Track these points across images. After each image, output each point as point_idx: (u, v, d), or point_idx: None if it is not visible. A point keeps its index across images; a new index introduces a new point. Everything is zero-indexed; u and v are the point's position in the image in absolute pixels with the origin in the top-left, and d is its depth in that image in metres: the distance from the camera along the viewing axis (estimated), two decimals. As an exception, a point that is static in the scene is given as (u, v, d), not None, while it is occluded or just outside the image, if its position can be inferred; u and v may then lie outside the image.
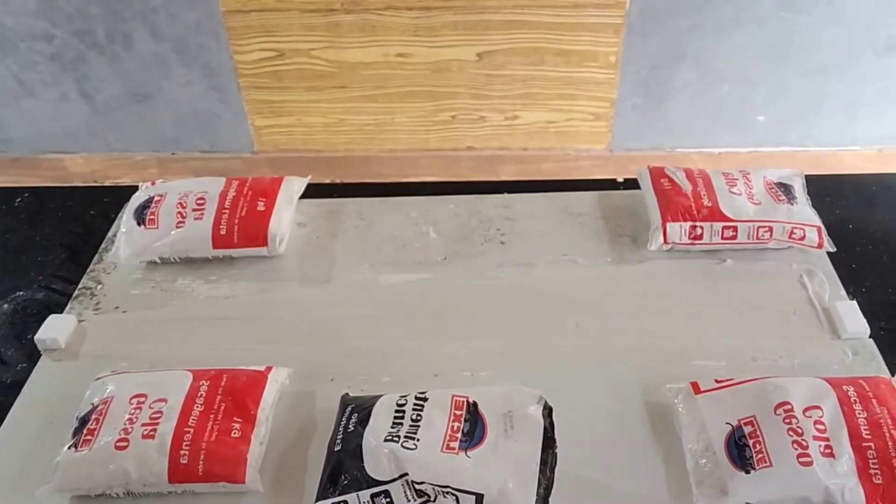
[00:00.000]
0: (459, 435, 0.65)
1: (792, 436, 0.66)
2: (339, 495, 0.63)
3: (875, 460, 0.64)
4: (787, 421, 0.67)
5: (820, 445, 0.65)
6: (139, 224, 0.93)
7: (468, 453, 0.64)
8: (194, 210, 0.93)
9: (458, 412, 0.67)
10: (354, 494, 0.63)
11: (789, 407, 0.68)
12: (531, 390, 0.69)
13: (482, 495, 0.62)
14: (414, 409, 0.67)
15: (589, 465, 0.71)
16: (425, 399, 0.69)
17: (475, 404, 0.68)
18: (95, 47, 2.23)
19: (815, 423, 0.67)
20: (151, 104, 2.37)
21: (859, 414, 0.67)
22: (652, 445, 0.73)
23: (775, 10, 2.15)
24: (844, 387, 0.70)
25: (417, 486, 0.62)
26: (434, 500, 0.62)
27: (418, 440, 0.64)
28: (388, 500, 0.63)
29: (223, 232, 0.92)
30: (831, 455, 0.65)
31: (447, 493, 0.62)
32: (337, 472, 0.65)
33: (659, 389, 0.77)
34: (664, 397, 0.76)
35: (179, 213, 0.93)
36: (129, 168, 2.53)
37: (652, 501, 0.69)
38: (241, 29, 2.20)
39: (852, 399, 0.69)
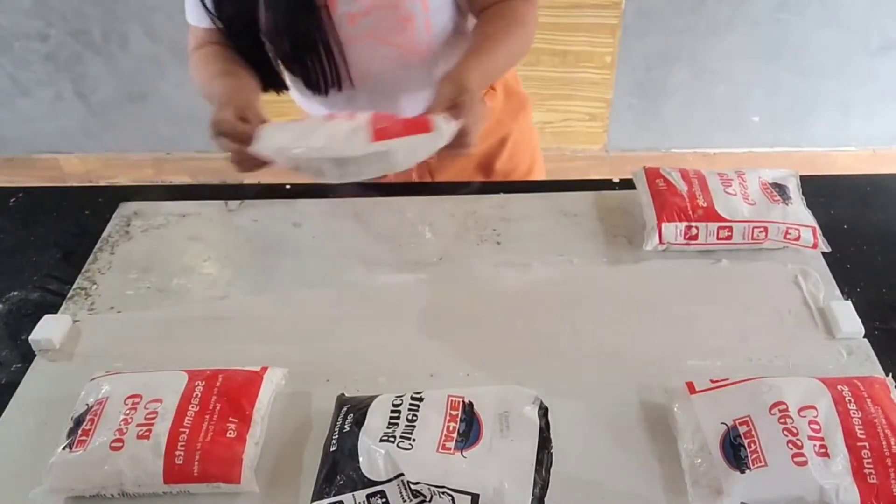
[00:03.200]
0: (455, 435, 0.65)
1: (787, 435, 0.66)
2: (334, 496, 0.63)
3: (870, 460, 0.64)
4: (782, 421, 0.67)
5: (815, 445, 0.65)
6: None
7: (464, 453, 0.64)
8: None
9: (453, 412, 0.67)
10: (350, 495, 0.63)
11: (784, 407, 0.68)
12: (527, 390, 0.69)
13: (478, 495, 0.62)
14: (409, 410, 0.68)
15: (584, 465, 0.71)
16: (421, 399, 0.69)
17: (471, 404, 0.68)
18: (91, 47, 2.22)
19: (810, 422, 0.67)
20: (147, 104, 2.37)
21: (854, 414, 0.68)
22: (647, 445, 0.73)
23: (769, 12, 2.16)
24: (839, 386, 0.70)
25: (413, 487, 0.62)
26: (430, 501, 0.63)
27: (414, 440, 0.64)
28: (383, 500, 0.63)
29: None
30: (826, 455, 0.65)
31: (443, 493, 0.62)
32: (332, 472, 0.65)
33: (654, 389, 0.77)
34: (659, 397, 0.76)
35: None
36: (124, 168, 2.53)
37: (647, 501, 0.69)
38: (237, 29, 2.19)
39: (847, 399, 0.69)
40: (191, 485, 0.68)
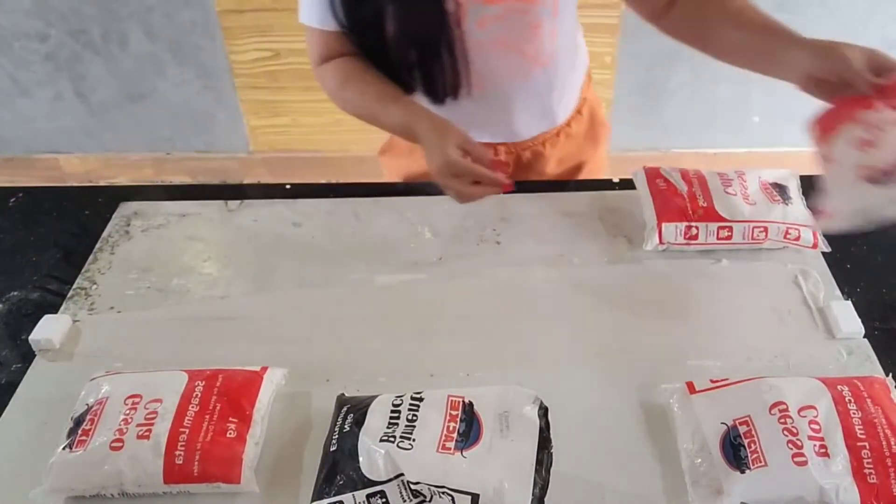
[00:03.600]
0: (455, 435, 0.65)
1: (787, 435, 0.66)
2: (334, 496, 0.63)
3: (870, 460, 0.64)
4: (782, 421, 0.67)
5: (814, 445, 0.65)
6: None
7: (464, 453, 0.64)
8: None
9: (453, 412, 0.67)
10: (350, 495, 0.63)
11: (784, 407, 0.68)
12: (527, 390, 0.69)
13: (478, 495, 0.62)
14: (410, 410, 0.68)
15: (584, 465, 0.71)
16: (421, 399, 0.69)
17: (471, 404, 0.68)
18: (90, 47, 2.22)
19: (810, 422, 0.67)
20: (147, 104, 2.37)
21: (854, 413, 0.68)
22: (648, 445, 0.73)
23: (769, 11, 2.16)
24: (839, 386, 0.70)
25: (413, 487, 0.62)
26: (430, 501, 0.63)
27: (414, 440, 0.64)
28: (383, 500, 0.63)
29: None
30: (826, 455, 0.65)
31: (443, 493, 0.62)
32: (332, 472, 0.65)
33: (654, 389, 0.77)
34: (660, 397, 0.76)
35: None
36: (124, 168, 2.53)
37: (647, 501, 0.69)
38: (237, 29, 2.20)
39: (847, 399, 0.69)
40: (191, 485, 0.68)
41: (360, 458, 0.64)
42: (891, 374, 0.75)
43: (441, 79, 0.99)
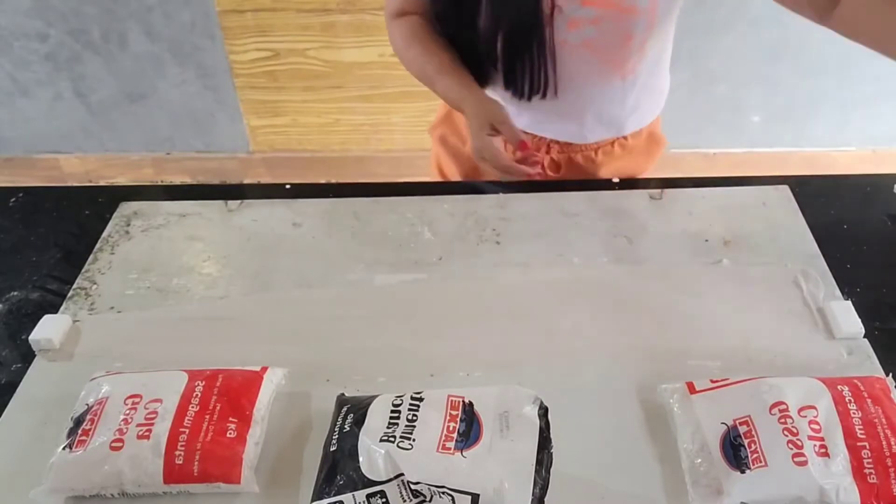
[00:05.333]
0: (455, 435, 0.65)
1: (787, 435, 0.66)
2: (334, 496, 0.63)
3: (870, 460, 0.64)
4: (783, 420, 0.67)
5: (815, 445, 0.65)
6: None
7: (464, 453, 0.64)
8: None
9: (453, 412, 0.67)
10: (350, 495, 0.63)
11: (784, 406, 0.68)
12: (527, 390, 0.69)
13: (478, 495, 0.62)
14: (410, 410, 0.68)
15: (584, 465, 0.71)
16: (421, 399, 0.69)
17: (471, 404, 0.68)
18: (90, 47, 2.22)
19: (810, 422, 0.67)
20: (146, 104, 2.37)
21: (854, 413, 0.68)
22: (647, 445, 0.73)
23: (769, 12, 2.16)
24: (839, 386, 0.70)
25: (413, 487, 0.62)
26: (430, 501, 0.63)
27: (414, 440, 0.64)
28: (383, 500, 0.63)
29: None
30: (826, 455, 0.65)
31: (443, 493, 0.62)
32: (332, 472, 0.65)
33: (654, 389, 0.77)
34: (659, 397, 0.76)
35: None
36: (124, 168, 2.53)
37: (647, 501, 0.69)
38: (237, 29, 2.20)
39: (847, 399, 0.69)
40: (191, 485, 0.68)
41: (360, 458, 0.64)
42: (891, 375, 0.75)
43: (523, 77, 0.99)
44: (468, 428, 0.66)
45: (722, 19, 2.14)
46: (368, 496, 0.63)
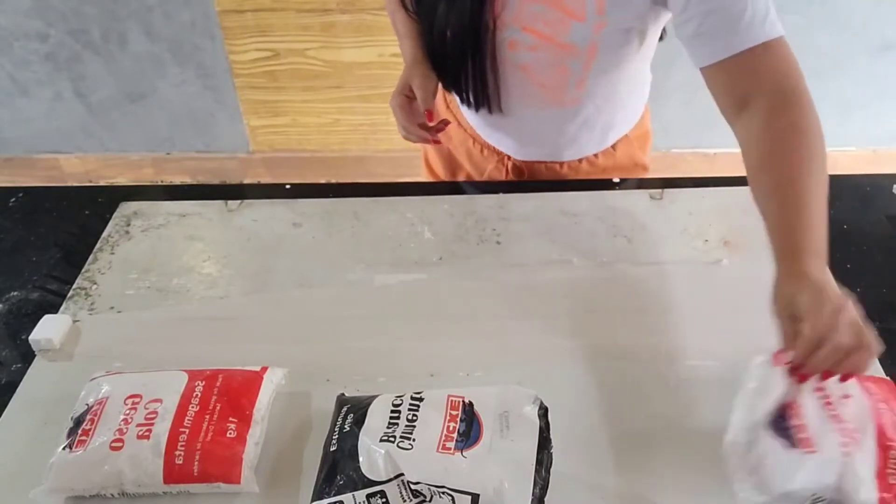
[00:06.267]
0: (455, 435, 0.65)
1: (832, 423, 0.65)
2: (334, 496, 0.63)
3: (895, 461, 0.64)
4: (828, 406, 0.66)
5: (849, 435, 0.64)
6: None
7: (464, 453, 0.64)
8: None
9: (453, 412, 0.67)
10: (350, 495, 0.63)
11: (826, 392, 0.67)
12: (527, 390, 0.69)
13: (478, 495, 0.62)
14: (410, 410, 0.68)
15: (584, 465, 0.71)
16: (421, 399, 0.69)
17: (471, 404, 0.68)
18: (90, 47, 2.22)
19: (847, 412, 0.66)
20: (146, 104, 2.37)
21: (884, 412, 0.67)
22: (648, 445, 0.73)
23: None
24: (866, 383, 0.70)
25: (413, 487, 0.62)
26: (430, 501, 0.63)
27: (414, 440, 0.64)
28: (383, 500, 0.63)
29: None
30: (857, 448, 0.64)
31: (443, 493, 0.62)
32: (332, 472, 0.65)
33: (654, 389, 0.77)
34: (659, 397, 0.76)
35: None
36: (124, 168, 2.53)
37: (647, 501, 0.69)
38: (237, 29, 2.20)
39: (875, 395, 0.69)
40: (191, 485, 0.68)
41: (360, 458, 0.64)
42: None
43: (467, 86, 1.01)
44: (468, 428, 0.66)
45: (722, 19, 2.14)
46: (368, 496, 0.63)
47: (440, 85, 1.02)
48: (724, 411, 0.76)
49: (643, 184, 1.08)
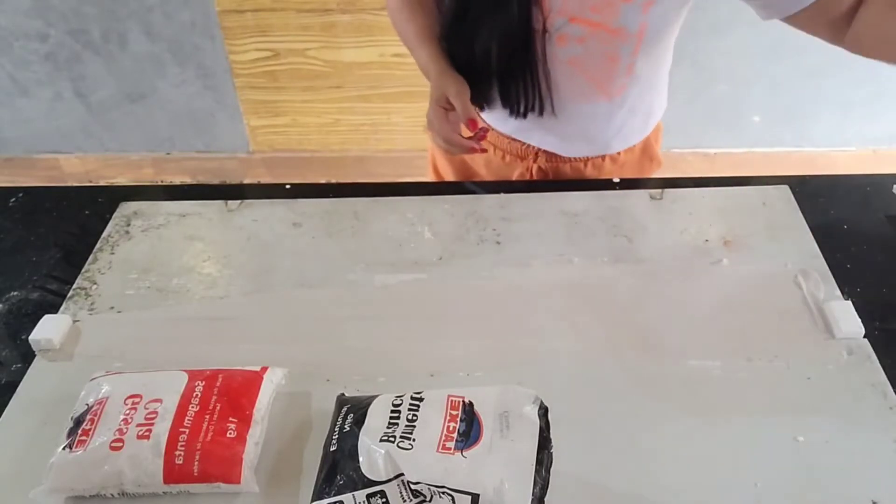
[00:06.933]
0: (455, 435, 0.65)
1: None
2: (334, 495, 0.63)
3: None
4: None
5: None
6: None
7: (464, 453, 0.64)
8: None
9: (453, 412, 0.67)
10: (350, 495, 0.63)
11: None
12: (527, 390, 0.69)
13: (478, 495, 0.62)
14: (410, 410, 0.68)
15: (584, 465, 0.71)
16: (421, 399, 0.69)
17: (471, 404, 0.68)
18: (90, 47, 2.22)
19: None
20: (146, 104, 2.37)
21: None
22: (647, 445, 0.73)
23: (770, 11, 2.16)
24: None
25: (413, 487, 0.62)
26: (430, 501, 0.63)
27: (414, 440, 0.64)
28: (383, 500, 0.63)
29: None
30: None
31: (443, 493, 0.62)
32: (332, 472, 0.65)
33: (654, 389, 0.77)
34: (659, 397, 0.76)
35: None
36: (124, 168, 2.53)
37: (648, 501, 0.69)
38: (237, 29, 2.20)
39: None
40: (191, 485, 0.68)
41: (360, 458, 0.64)
42: None
43: (517, 95, 1.00)
44: (468, 428, 0.66)
45: (723, 19, 2.14)
46: (368, 496, 0.63)
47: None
48: (724, 411, 0.76)
49: (643, 184, 1.08)
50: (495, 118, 1.10)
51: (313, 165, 2.51)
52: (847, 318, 0.83)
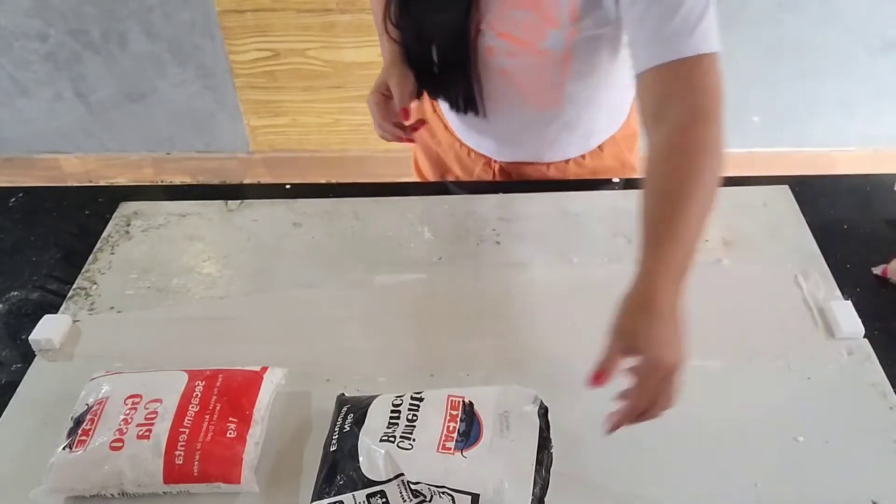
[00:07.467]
0: (455, 435, 0.65)
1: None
2: (334, 495, 0.63)
3: None
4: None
5: None
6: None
7: (464, 453, 0.64)
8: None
9: (453, 412, 0.67)
10: (350, 495, 0.63)
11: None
12: (527, 390, 0.69)
13: (478, 495, 0.62)
14: (410, 410, 0.67)
15: (584, 464, 0.71)
16: (421, 399, 0.69)
17: (471, 404, 0.68)
18: (90, 47, 2.22)
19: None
20: (146, 104, 2.37)
21: None
22: (647, 444, 0.73)
23: (769, 12, 2.16)
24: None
25: (413, 487, 0.62)
26: (430, 501, 0.63)
27: (414, 440, 0.64)
28: (383, 500, 0.63)
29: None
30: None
31: (443, 493, 0.62)
32: (332, 472, 0.65)
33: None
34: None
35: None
36: (124, 168, 2.53)
37: (648, 501, 0.69)
38: (237, 29, 2.20)
39: None
40: (191, 485, 0.68)
41: (360, 458, 0.64)
42: None
43: (455, 91, 1.01)
44: (468, 428, 0.66)
45: (722, 19, 2.14)
46: (368, 496, 0.63)
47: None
48: (725, 411, 0.76)
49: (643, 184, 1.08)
50: (451, 115, 1.11)
51: (313, 165, 2.51)
52: (847, 318, 0.83)
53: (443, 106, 1.09)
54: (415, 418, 0.66)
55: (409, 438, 0.64)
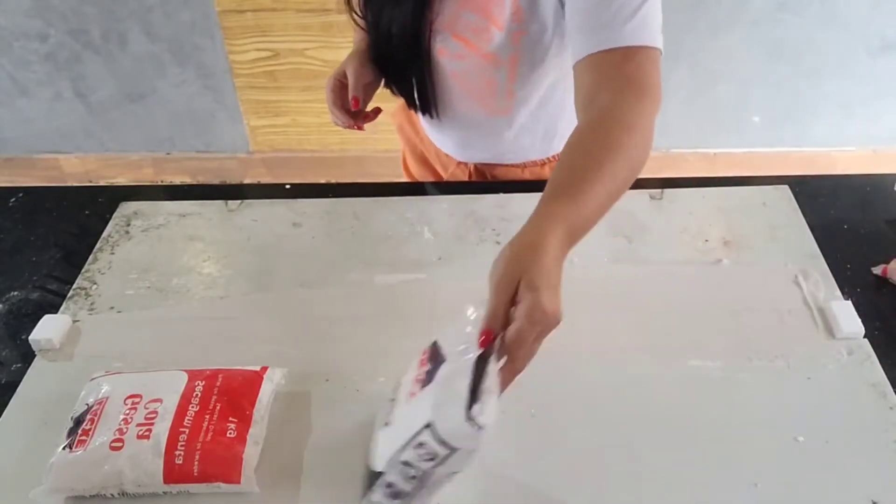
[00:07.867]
0: (423, 377, 0.62)
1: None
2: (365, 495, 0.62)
3: None
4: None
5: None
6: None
7: (422, 391, 0.61)
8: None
9: (423, 357, 0.66)
10: (370, 491, 0.61)
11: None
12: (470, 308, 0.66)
13: (430, 423, 0.57)
14: (395, 390, 0.66)
15: (585, 464, 0.71)
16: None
17: (435, 343, 0.65)
18: (90, 47, 2.22)
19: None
20: (146, 104, 2.37)
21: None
22: (647, 444, 0.73)
23: (769, 12, 2.16)
24: None
25: (402, 459, 0.59)
26: (421, 458, 0.58)
27: (392, 413, 0.62)
28: (391, 488, 0.61)
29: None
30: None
31: (416, 446, 0.58)
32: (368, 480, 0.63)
33: (654, 389, 0.77)
34: (659, 397, 0.76)
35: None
36: (124, 168, 2.53)
37: (647, 501, 0.69)
38: (237, 29, 2.20)
39: None
40: (191, 485, 0.68)
41: (371, 456, 0.63)
42: None
43: (410, 89, 1.02)
44: (434, 367, 0.62)
45: (722, 19, 2.14)
46: (383, 486, 0.61)
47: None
48: (725, 411, 0.76)
49: (643, 184, 1.08)
50: (419, 114, 1.12)
51: (313, 165, 2.51)
52: (847, 318, 0.83)
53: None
54: (398, 394, 0.65)
55: (392, 413, 0.63)
